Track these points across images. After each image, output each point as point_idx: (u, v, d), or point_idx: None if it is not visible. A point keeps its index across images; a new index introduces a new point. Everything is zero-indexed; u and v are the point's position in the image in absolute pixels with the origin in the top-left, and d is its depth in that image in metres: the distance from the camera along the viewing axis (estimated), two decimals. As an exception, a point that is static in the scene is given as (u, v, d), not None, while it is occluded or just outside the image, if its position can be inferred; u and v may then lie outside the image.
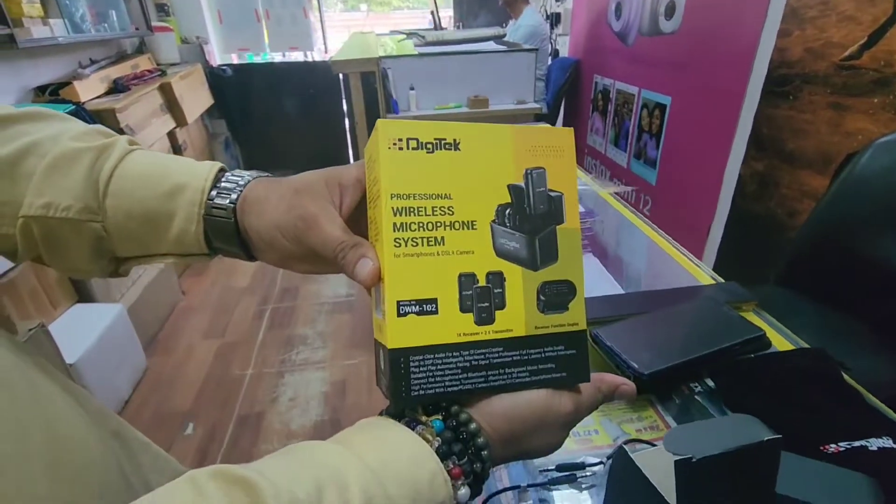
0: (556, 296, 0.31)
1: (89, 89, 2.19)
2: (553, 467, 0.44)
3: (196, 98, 2.81)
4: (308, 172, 0.33)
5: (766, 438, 0.24)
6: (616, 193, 0.95)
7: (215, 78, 3.11)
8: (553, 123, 2.84)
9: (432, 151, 0.29)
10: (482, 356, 0.29)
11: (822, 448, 0.40)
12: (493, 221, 0.30)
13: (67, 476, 0.29)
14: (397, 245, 0.28)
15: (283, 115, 3.48)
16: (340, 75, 3.32)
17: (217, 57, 3.29)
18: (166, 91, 2.52)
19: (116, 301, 1.85)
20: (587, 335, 0.32)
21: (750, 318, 0.55)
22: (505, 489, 0.44)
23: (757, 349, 0.50)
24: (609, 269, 0.73)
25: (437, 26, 2.69)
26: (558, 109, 2.85)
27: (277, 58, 3.50)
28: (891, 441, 0.38)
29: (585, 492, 0.45)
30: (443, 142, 0.30)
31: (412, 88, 1.55)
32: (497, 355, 0.29)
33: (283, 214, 0.31)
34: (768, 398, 0.42)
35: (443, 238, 0.29)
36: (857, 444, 0.37)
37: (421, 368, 0.28)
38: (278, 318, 2.14)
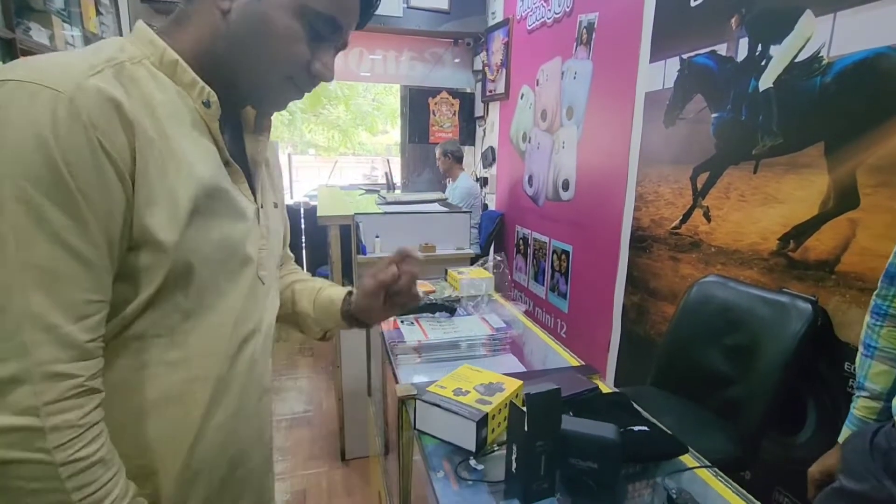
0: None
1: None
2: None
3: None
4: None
5: (553, 388, 0.63)
6: (525, 312, 1.40)
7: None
8: (484, 264, 3.42)
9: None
10: None
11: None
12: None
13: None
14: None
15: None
16: (302, 218, 3.84)
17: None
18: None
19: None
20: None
21: (596, 380, 0.96)
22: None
23: (593, 393, 0.90)
24: (521, 360, 1.15)
25: (390, 183, 3.32)
26: (489, 251, 3.45)
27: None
28: (645, 428, 0.78)
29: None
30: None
31: (377, 236, 2.03)
32: None
33: (366, 291, 0.74)
34: (596, 414, 0.81)
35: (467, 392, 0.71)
36: (629, 427, 0.76)
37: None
38: (238, 435, 2.26)
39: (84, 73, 0.43)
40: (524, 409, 0.59)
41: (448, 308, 1.26)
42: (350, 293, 0.78)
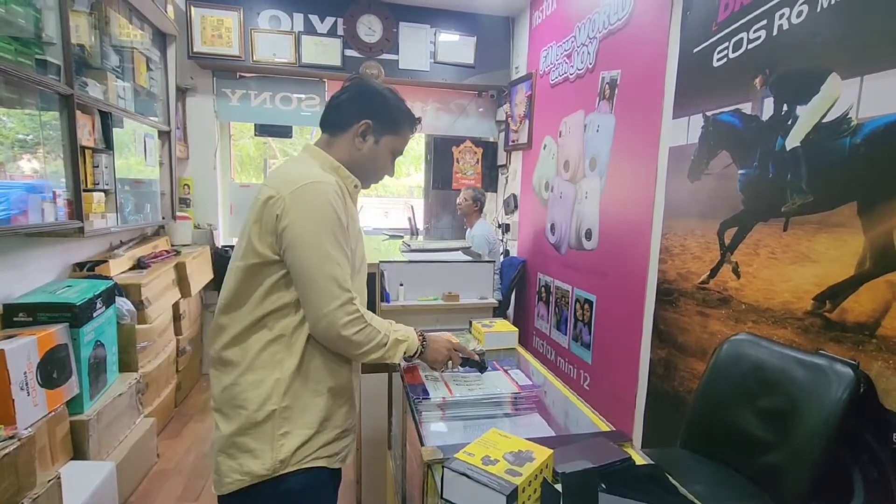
0: None
1: (118, 266, 2.58)
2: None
3: (201, 274, 3.22)
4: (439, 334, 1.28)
5: (589, 468, 0.61)
6: (548, 362, 1.37)
7: (218, 256, 3.58)
8: (506, 311, 3.39)
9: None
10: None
11: (657, 515, 0.74)
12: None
13: None
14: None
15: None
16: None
17: (222, 239, 3.81)
18: (180, 269, 2.94)
19: (105, 459, 1.95)
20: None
21: (627, 448, 0.92)
22: None
23: (626, 464, 0.86)
24: (545, 416, 1.12)
25: (413, 229, 3.36)
26: (510, 299, 3.43)
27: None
28: (684, 507, 0.74)
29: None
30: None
31: (401, 284, 2.04)
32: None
33: (444, 343, 1.21)
34: (631, 489, 0.77)
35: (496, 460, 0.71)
36: (666, 506, 0.72)
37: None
38: (254, 483, 2.22)
39: (329, 177, 1.03)
40: (558, 487, 0.57)
41: (479, 365, 1.24)
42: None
